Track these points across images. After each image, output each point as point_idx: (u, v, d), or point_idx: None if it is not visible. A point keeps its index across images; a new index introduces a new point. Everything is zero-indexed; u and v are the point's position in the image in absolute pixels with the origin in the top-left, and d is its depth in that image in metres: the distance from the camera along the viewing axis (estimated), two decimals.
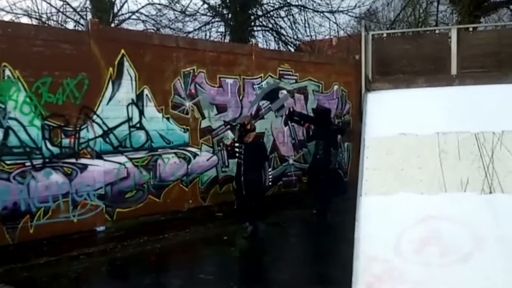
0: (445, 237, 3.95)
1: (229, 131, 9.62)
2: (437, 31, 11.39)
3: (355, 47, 14.76)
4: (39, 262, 6.41)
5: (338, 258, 6.46)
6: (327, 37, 17.83)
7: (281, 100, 9.15)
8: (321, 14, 16.06)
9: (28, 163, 6.92)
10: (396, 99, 6.28)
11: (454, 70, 6.83)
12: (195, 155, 9.06)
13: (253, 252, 6.98)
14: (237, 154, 7.97)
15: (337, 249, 6.72)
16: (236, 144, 7.99)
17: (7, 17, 12.94)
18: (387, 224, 3.51)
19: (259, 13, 16.11)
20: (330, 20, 16.26)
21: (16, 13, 13.43)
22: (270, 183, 8.12)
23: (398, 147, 4.48)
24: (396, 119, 5.33)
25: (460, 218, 4.20)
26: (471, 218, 4.21)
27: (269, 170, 8.09)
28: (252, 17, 15.97)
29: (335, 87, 12.09)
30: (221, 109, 9.51)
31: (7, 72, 6.70)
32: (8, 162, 6.72)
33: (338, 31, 17.15)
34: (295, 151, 11.11)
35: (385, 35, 8.49)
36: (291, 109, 9.42)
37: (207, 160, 9.30)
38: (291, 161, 10.98)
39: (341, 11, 16.13)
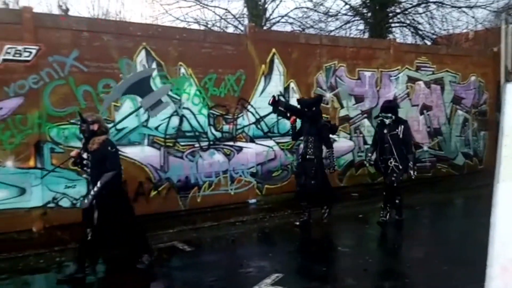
0: None
1: (365, 120, 9.41)
2: None
3: (492, 40, 13.38)
4: (204, 225, 6.96)
5: (472, 241, 5.98)
6: (464, 31, 16.36)
7: (157, 93, 6.24)
8: (459, 9, 14.78)
9: (196, 145, 7.52)
10: None
11: None
12: (333, 140, 9.00)
13: (387, 231, 6.74)
14: (84, 168, 5.04)
15: (470, 232, 6.23)
16: (85, 155, 4.95)
17: (181, 25, 13.99)
18: None
19: (397, 10, 15.35)
20: (467, 14, 14.90)
21: (188, 21, 14.50)
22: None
23: None
24: None
25: None
26: None
27: (98, 187, 4.70)
28: (390, 14, 15.28)
29: (472, 78, 11.11)
30: (359, 99, 9.32)
31: (182, 70, 7.31)
32: (182, 143, 7.38)
33: (475, 25, 15.66)
34: (430, 139, 10.51)
35: None
36: (276, 98, 7.05)
37: (345, 145, 9.20)
38: (425, 148, 10.39)
39: (479, 6, 14.68)
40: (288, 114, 6.97)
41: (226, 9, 14.93)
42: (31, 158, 6.15)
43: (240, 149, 7.96)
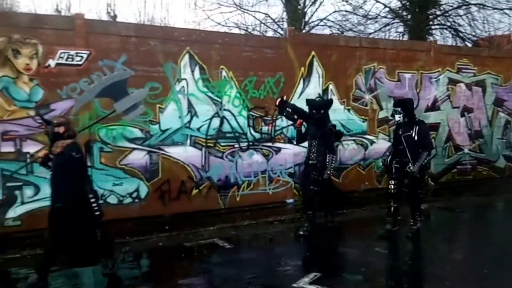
0: None
1: None
2: None
3: None
4: (243, 224, 7.01)
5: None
6: (506, 32, 15.74)
7: (133, 97, 5.49)
8: (501, 11, 14.21)
9: (236, 145, 7.58)
10: None
11: None
12: (372, 142, 8.88)
13: (427, 233, 6.53)
14: (50, 170, 4.71)
15: (511, 235, 5.99)
16: (51, 156, 4.64)
17: (223, 29, 14.13)
18: None
19: (438, 12, 14.93)
20: (509, 16, 14.30)
21: (229, 26, 14.64)
22: (98, 212, 4.65)
23: None
24: None
25: None
26: None
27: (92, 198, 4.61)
28: (431, 16, 14.87)
29: None
30: None
31: (224, 73, 7.39)
32: (222, 144, 7.46)
33: None
34: (471, 141, 10.15)
35: None
36: (284, 99, 6.49)
37: (384, 147, 9.02)
38: (466, 150, 10.06)
39: None
40: (295, 117, 6.52)
41: (266, 14, 14.98)
42: None
43: (278, 149, 7.96)
